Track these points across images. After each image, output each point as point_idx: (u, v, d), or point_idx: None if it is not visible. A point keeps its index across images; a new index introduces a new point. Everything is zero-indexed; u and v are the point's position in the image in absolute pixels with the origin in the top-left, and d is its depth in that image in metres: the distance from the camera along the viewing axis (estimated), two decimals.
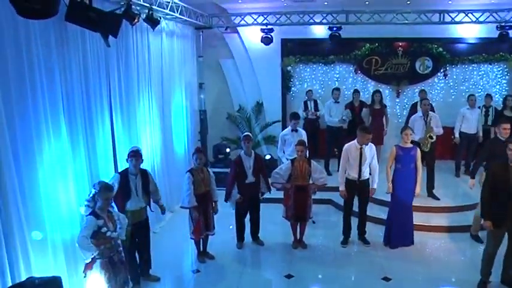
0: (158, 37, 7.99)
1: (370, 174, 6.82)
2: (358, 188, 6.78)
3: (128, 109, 6.90)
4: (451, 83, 10.73)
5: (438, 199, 8.12)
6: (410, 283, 5.90)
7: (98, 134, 6.03)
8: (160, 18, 7.09)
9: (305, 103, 10.21)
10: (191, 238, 6.39)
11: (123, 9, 5.78)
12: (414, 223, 7.12)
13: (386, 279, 5.95)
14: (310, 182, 6.73)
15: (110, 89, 6.38)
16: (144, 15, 6.73)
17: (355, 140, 6.65)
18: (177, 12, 8.02)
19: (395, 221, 6.80)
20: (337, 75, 10.93)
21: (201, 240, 6.48)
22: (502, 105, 9.47)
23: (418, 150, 6.70)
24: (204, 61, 10.51)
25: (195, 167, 6.18)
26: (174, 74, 8.74)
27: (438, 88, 10.75)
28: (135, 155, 5.56)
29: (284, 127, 10.61)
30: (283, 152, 8.06)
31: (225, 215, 6.94)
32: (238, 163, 6.71)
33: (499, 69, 10.60)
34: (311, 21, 9.67)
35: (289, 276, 6.07)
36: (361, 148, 6.57)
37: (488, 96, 9.71)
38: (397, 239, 6.82)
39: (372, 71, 10.80)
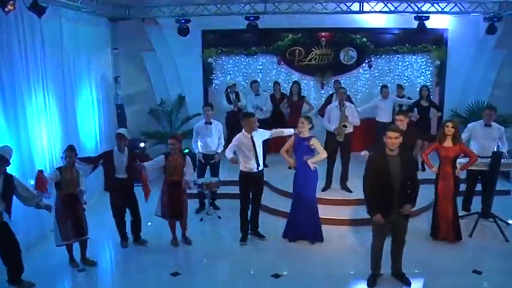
0: (56, 28, 7.52)
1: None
2: (255, 180, 6.53)
3: (14, 104, 6.45)
4: (376, 74, 10.65)
5: (351, 191, 7.96)
6: (300, 279, 5.69)
7: None
8: (48, 6, 6.63)
9: (227, 96, 9.93)
10: (57, 245, 5.92)
11: None
12: (322, 217, 6.95)
13: (276, 276, 5.73)
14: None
15: None
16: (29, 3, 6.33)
17: (243, 130, 6.40)
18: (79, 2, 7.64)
19: (294, 214, 6.64)
20: (261, 67, 10.69)
21: (72, 246, 6.02)
22: (418, 96, 9.43)
23: (313, 139, 6.40)
24: (125, 54, 10.15)
25: (63, 165, 5.81)
26: (80, 67, 8.31)
27: (363, 79, 10.65)
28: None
29: None
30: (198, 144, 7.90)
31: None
32: (106, 157, 6.45)
33: (422, 60, 10.58)
34: (228, 11, 9.38)
35: (175, 274, 5.81)
36: (251, 137, 6.34)
37: (400, 86, 9.80)
38: (295, 232, 6.66)
39: (295, 62, 10.60)
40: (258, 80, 10.11)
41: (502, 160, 6.76)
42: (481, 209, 7.07)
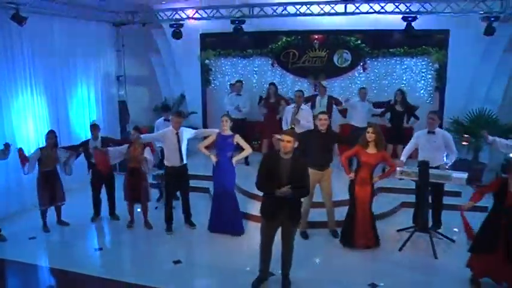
0: (47, 31, 8.58)
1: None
2: (179, 174, 6.97)
3: None
4: (372, 77, 10.26)
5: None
6: (199, 269, 6.07)
7: None
8: (27, 17, 7.55)
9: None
10: (40, 209, 7.15)
11: None
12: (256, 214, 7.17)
13: (176, 262, 6.10)
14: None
15: None
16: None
17: (170, 126, 6.92)
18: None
19: (214, 207, 6.98)
20: (256, 69, 10.90)
21: (47, 211, 7.20)
22: (393, 100, 9.01)
23: (237, 135, 6.71)
24: (133, 54, 11.11)
25: (45, 145, 7.04)
26: (75, 66, 9.34)
27: (359, 82, 10.29)
28: None
29: (204, 119, 11.01)
30: None
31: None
32: (84, 145, 7.50)
33: (423, 63, 9.97)
34: (218, 15, 9.77)
35: (100, 249, 6.62)
36: (177, 133, 6.80)
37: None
38: (216, 224, 6.98)
39: (289, 64, 10.64)
40: (243, 81, 10.16)
41: (432, 171, 6.32)
42: (416, 223, 6.72)
